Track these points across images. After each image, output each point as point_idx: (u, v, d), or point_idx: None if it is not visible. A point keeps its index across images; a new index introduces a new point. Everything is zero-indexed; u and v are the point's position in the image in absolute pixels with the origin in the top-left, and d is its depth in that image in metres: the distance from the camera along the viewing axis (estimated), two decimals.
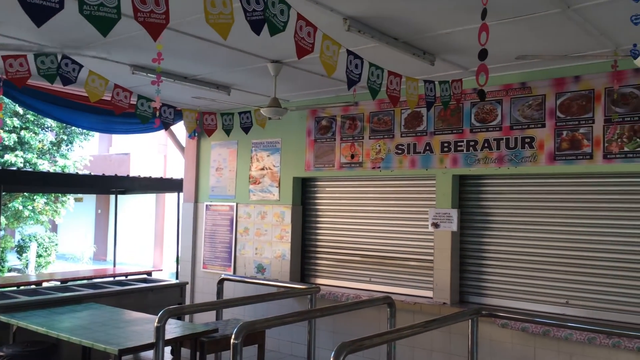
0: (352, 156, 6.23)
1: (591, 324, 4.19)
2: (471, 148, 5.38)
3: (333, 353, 2.84)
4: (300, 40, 3.24)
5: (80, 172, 15.40)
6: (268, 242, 6.91)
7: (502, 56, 4.56)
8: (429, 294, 5.69)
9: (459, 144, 5.47)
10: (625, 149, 4.54)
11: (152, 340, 4.06)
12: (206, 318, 6.74)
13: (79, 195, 18.90)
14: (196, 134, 7.68)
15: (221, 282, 6.27)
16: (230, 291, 6.94)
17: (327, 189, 6.73)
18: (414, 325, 3.54)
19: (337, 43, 3.58)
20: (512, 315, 4.21)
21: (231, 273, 7.15)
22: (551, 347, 4.75)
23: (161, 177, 11.55)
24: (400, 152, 5.87)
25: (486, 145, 5.29)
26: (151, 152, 19.49)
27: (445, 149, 5.55)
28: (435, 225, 5.58)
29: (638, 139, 4.48)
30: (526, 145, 5.06)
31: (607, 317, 4.70)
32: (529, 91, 5.07)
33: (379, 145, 6.04)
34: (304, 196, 6.90)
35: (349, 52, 3.82)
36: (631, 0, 2.82)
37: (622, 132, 4.56)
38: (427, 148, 5.67)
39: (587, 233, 4.88)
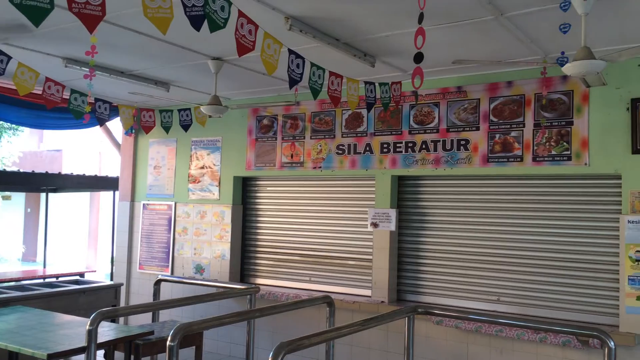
0: (292, 156, 6.24)
1: (520, 320, 4.37)
2: (409, 149, 5.50)
3: (271, 353, 2.83)
4: (241, 37, 3.21)
5: (8, 169, 14.65)
6: (207, 242, 6.81)
7: (439, 60, 4.69)
8: (368, 292, 5.77)
9: (398, 145, 5.58)
10: (553, 152, 4.76)
11: (83, 344, 3.91)
12: (142, 320, 6.55)
13: (7, 193, 17.97)
14: (133, 131, 7.46)
15: (158, 283, 6.12)
16: (168, 292, 6.79)
17: (268, 188, 6.70)
18: (352, 324, 3.58)
19: (279, 42, 3.57)
20: (447, 313, 4.33)
21: (169, 274, 7.00)
22: (483, 342, 4.93)
23: (96, 175, 11.13)
24: (340, 152, 5.93)
25: (424, 146, 5.42)
26: (85, 148, 18.78)
27: (385, 150, 5.65)
28: (375, 224, 5.67)
29: (564, 143, 4.72)
30: (461, 147, 5.22)
31: (535, 313, 4.92)
32: (464, 95, 5.24)
33: (320, 145, 6.07)
34: (244, 195, 6.84)
35: (291, 52, 3.82)
36: (559, 9, 2.96)
37: (550, 136, 4.78)
38: (367, 149, 5.75)
39: (518, 232, 5.09)
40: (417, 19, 3.01)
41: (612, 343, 3.30)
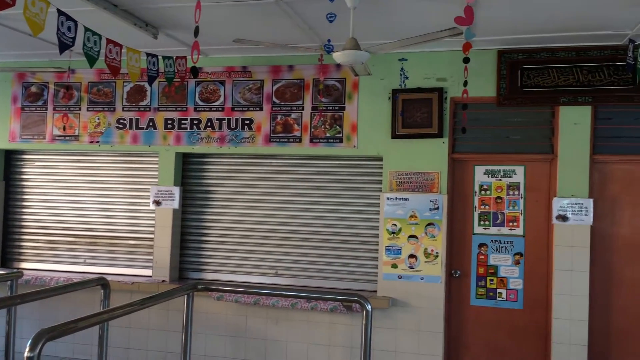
0: (64, 128, 5.73)
1: (294, 290, 4.67)
2: (195, 126, 5.45)
3: (29, 341, 2.59)
4: None
5: None
6: None
7: (223, 38, 4.69)
8: (149, 272, 5.61)
9: (183, 121, 5.48)
10: (327, 134, 5.14)
11: None
12: None
13: None
14: None
15: None
16: None
17: (37, 163, 6.06)
18: (127, 305, 3.45)
19: (46, 0, 3.23)
20: (225, 288, 4.43)
21: None
22: (260, 314, 5.15)
23: None
24: (121, 126, 5.62)
25: (209, 124, 5.41)
26: None
27: (169, 126, 5.51)
28: (157, 202, 5.51)
29: (338, 127, 5.12)
30: (246, 126, 5.33)
31: (309, 283, 5.29)
32: (249, 75, 5.35)
33: (98, 118, 5.68)
34: (7, 170, 6.09)
35: (60, 12, 3.47)
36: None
37: (325, 119, 5.15)
38: (151, 124, 5.55)
39: (295, 209, 5.40)
40: None
41: (370, 306, 3.72)
